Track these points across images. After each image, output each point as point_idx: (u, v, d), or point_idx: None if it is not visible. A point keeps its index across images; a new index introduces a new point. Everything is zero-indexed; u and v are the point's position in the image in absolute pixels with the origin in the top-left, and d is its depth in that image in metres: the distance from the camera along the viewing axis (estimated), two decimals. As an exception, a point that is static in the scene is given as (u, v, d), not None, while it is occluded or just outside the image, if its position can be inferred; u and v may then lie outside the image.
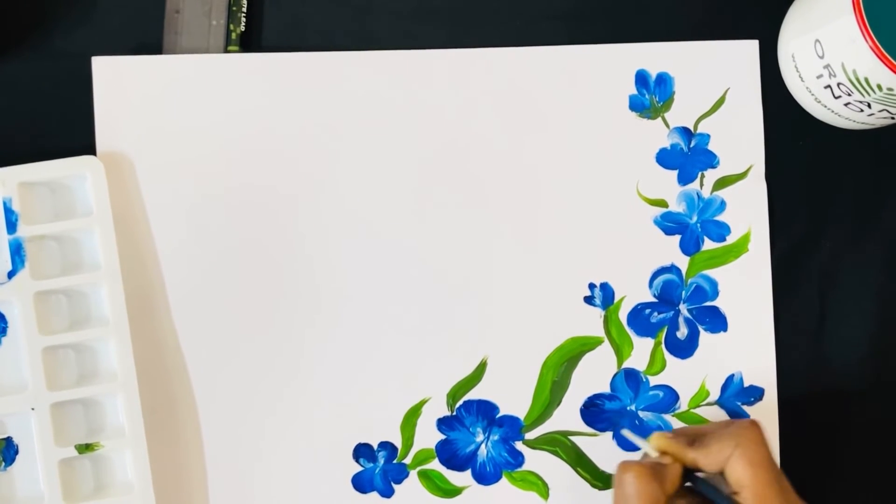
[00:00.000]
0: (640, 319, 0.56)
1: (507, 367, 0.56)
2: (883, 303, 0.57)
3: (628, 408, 0.56)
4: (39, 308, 0.52)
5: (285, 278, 0.55)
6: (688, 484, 0.49)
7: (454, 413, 0.56)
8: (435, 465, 0.56)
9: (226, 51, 0.56)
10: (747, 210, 0.57)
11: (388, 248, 0.56)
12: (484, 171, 0.56)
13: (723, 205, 0.57)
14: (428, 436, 0.56)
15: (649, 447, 0.50)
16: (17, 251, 0.52)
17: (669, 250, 0.56)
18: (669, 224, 0.56)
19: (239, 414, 0.55)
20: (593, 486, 0.56)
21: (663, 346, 0.56)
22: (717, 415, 0.56)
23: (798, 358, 0.57)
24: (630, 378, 0.56)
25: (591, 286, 0.56)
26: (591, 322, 0.56)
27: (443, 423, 0.56)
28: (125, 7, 0.56)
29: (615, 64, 0.56)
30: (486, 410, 0.56)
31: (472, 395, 0.56)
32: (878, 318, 0.57)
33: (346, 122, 0.56)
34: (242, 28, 0.56)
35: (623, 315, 0.56)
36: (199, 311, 0.55)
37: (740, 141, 0.57)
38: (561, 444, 0.56)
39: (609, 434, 0.56)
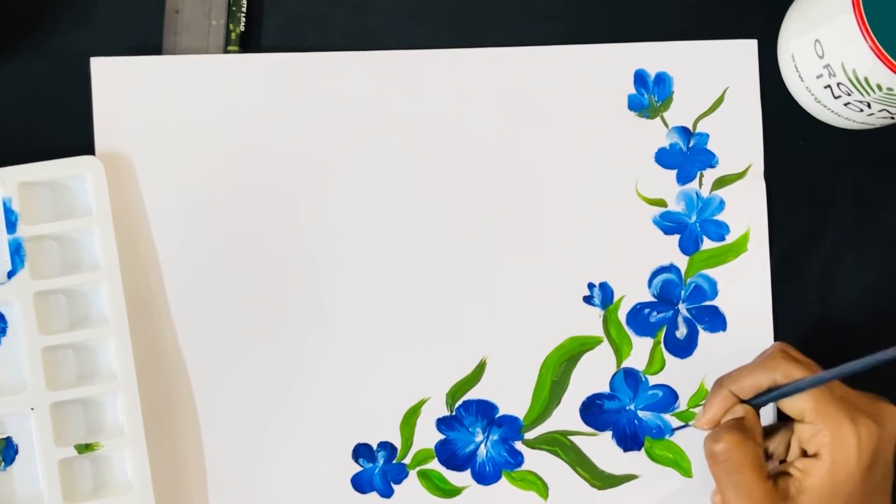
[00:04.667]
0: (640, 319, 0.56)
1: (506, 366, 0.56)
2: (883, 303, 0.57)
3: (627, 407, 0.56)
4: (39, 308, 0.52)
5: (284, 278, 0.55)
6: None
7: (453, 413, 0.56)
8: (434, 465, 0.56)
9: (225, 51, 0.56)
10: (746, 209, 0.57)
11: (386, 247, 0.56)
12: (483, 171, 0.56)
13: (722, 204, 0.57)
14: (427, 436, 0.56)
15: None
16: (16, 251, 0.52)
17: (668, 250, 0.56)
18: (668, 223, 0.56)
19: (238, 414, 0.55)
20: (592, 485, 0.56)
21: (662, 345, 0.56)
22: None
23: (798, 358, 0.57)
24: (629, 377, 0.56)
25: (591, 286, 0.56)
26: (590, 322, 0.56)
27: (442, 423, 0.56)
28: (125, 7, 0.56)
29: (614, 64, 0.56)
30: (485, 410, 0.56)
31: (472, 394, 0.56)
32: (877, 318, 0.57)
33: (346, 122, 0.56)
34: (242, 28, 0.56)
35: (622, 315, 0.56)
36: (199, 311, 0.55)
37: (739, 140, 0.57)
38: (560, 444, 0.56)
39: (608, 433, 0.56)
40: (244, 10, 0.56)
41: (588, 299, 0.56)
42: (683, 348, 0.56)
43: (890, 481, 0.50)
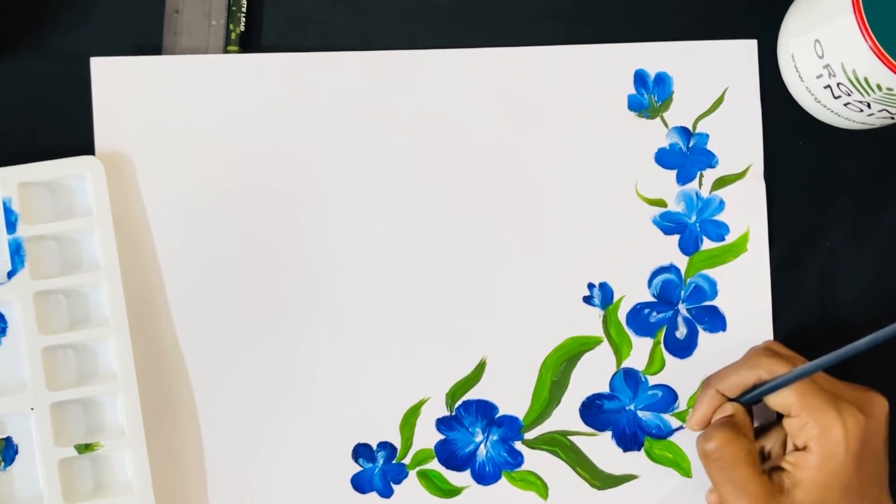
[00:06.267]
0: (639, 319, 0.56)
1: (506, 366, 0.56)
2: (883, 303, 0.57)
3: (627, 407, 0.56)
4: (39, 308, 0.52)
5: (284, 278, 0.55)
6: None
7: (453, 413, 0.56)
8: (434, 465, 0.56)
9: (225, 51, 0.56)
10: (746, 210, 0.57)
11: (386, 247, 0.56)
12: (483, 171, 0.56)
13: (721, 204, 0.57)
14: (427, 436, 0.56)
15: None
16: (16, 251, 0.52)
17: (668, 250, 0.56)
18: (668, 224, 0.56)
19: (238, 414, 0.55)
20: (592, 485, 0.56)
21: (662, 345, 0.56)
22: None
23: (797, 358, 0.57)
24: (629, 378, 0.56)
25: (591, 286, 0.56)
26: (590, 322, 0.56)
27: (442, 423, 0.56)
28: (125, 7, 0.56)
29: (614, 64, 0.56)
30: (485, 410, 0.56)
31: (472, 394, 0.56)
32: (878, 318, 0.57)
33: (346, 122, 0.56)
34: (242, 28, 0.56)
35: (622, 315, 0.56)
36: (199, 311, 0.55)
37: (739, 140, 0.57)
38: (560, 444, 0.56)
39: (608, 433, 0.56)
40: (244, 10, 0.56)
41: (588, 299, 0.56)
42: (683, 348, 0.56)
43: (884, 471, 0.50)
